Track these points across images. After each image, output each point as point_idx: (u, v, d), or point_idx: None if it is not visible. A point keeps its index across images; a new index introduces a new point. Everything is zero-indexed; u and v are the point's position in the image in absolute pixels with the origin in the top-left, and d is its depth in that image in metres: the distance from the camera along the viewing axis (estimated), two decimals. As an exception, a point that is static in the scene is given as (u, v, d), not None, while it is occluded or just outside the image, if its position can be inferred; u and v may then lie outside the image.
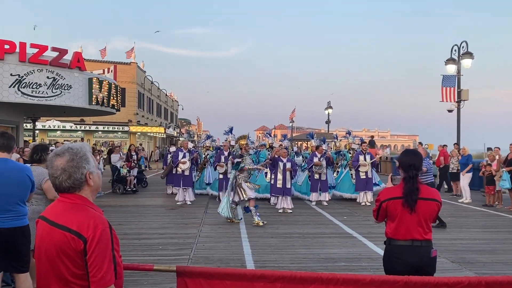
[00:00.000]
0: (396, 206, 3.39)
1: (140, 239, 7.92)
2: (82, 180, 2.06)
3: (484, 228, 9.56)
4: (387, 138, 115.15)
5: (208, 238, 8.07)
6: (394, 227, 3.42)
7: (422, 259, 3.36)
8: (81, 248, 1.92)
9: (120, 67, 32.46)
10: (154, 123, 44.37)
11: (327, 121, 38.39)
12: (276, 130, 79.10)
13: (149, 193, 15.58)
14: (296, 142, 37.92)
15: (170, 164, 14.07)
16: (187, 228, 9.05)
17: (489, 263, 6.61)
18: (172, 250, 7.20)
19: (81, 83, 16.16)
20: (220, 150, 13.70)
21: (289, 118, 51.47)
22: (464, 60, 18.44)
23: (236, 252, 7.04)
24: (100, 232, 1.94)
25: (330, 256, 6.86)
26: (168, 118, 55.79)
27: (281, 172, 11.61)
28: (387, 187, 3.68)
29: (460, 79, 18.93)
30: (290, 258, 6.75)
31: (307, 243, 7.74)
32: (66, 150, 2.08)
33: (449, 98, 18.84)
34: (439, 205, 3.46)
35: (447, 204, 13.17)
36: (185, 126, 70.42)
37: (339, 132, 42.31)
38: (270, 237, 8.24)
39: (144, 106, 41.59)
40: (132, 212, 11.20)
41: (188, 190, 12.79)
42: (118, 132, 36.75)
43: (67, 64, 15.66)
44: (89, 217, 1.98)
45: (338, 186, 14.09)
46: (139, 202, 13.01)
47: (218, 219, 10.14)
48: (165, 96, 53.18)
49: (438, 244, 7.25)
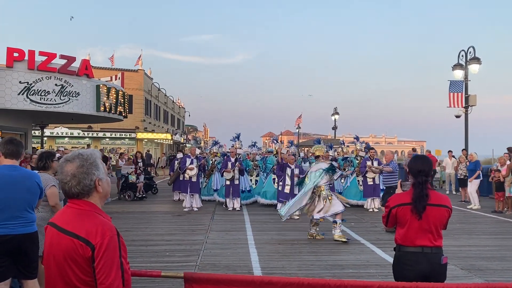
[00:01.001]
0: (405, 212, 3.36)
1: (147, 246, 7.92)
2: (92, 186, 2.07)
3: (494, 235, 9.45)
4: (394, 144, 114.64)
5: (215, 244, 8.05)
6: (403, 234, 3.39)
7: (432, 266, 3.32)
8: (89, 255, 1.92)
9: (127, 74, 32.66)
10: (161, 130, 44.52)
11: (334, 127, 38.32)
12: (283, 136, 79.07)
13: (156, 199, 15.61)
14: (303, 148, 37.87)
15: (177, 171, 14.09)
16: (194, 234, 9.04)
17: (499, 270, 6.53)
18: (179, 256, 7.18)
19: (89, 90, 16.28)
20: (227, 156, 13.71)
21: (295, 124, 51.47)
22: (472, 66, 18.36)
23: (243, 259, 7.01)
24: (108, 239, 1.94)
25: (337, 263, 6.81)
26: (175, 124, 55.98)
27: (289, 178, 11.59)
28: (397, 193, 3.66)
29: (468, 85, 18.84)
30: (298, 265, 6.70)
31: (314, 250, 7.69)
32: (77, 156, 2.10)
33: (456, 103, 18.74)
34: (449, 211, 3.42)
35: (456, 210, 13.04)
36: (192, 133, 70.69)
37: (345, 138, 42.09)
38: (278, 243, 8.20)
39: (151, 113, 41.79)
40: (139, 218, 11.21)
41: (195, 196, 12.79)
42: (125, 138, 36.91)
43: (75, 71, 15.80)
44: (97, 224, 1.98)
45: (344, 193, 14.02)
46: (146, 209, 13.03)
47: (225, 225, 10.13)
48: (172, 103, 53.41)
49: (447, 250, 7.16)
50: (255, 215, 11.79)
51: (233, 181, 12.79)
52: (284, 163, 12.04)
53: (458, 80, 18.94)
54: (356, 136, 15.72)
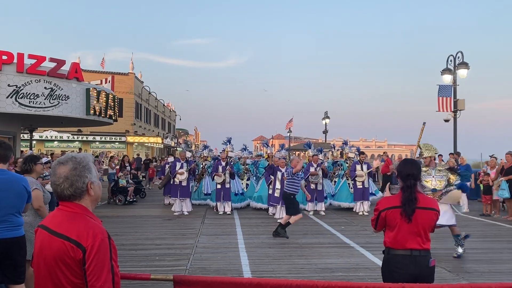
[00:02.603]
0: (395, 216, 3.39)
1: (136, 250, 7.88)
2: (84, 189, 2.09)
3: (482, 238, 9.55)
4: (385, 148, 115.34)
5: (206, 248, 8.03)
6: (393, 237, 3.42)
7: (421, 268, 3.36)
8: (80, 257, 1.93)
9: (117, 77, 32.55)
10: (151, 134, 44.35)
11: (325, 131, 38.45)
12: (274, 140, 79.17)
13: (146, 203, 15.52)
14: (294, 152, 37.96)
15: (168, 175, 14.04)
16: (184, 238, 9.01)
17: (486, 272, 6.60)
18: (169, 260, 7.15)
19: (79, 93, 16.18)
20: (217, 160, 13.71)
21: (286, 127, 51.56)
22: (460, 70, 18.57)
23: (233, 262, 7.01)
24: (99, 242, 1.95)
25: (327, 266, 6.84)
26: (166, 128, 55.80)
27: (279, 182, 11.62)
28: (386, 196, 3.69)
29: (456, 89, 19.05)
30: (288, 268, 6.72)
31: (304, 253, 7.71)
32: (70, 159, 2.12)
33: (445, 108, 18.92)
34: (437, 214, 3.47)
35: (444, 213, 13.16)
36: (182, 136, 70.50)
37: (336, 142, 42.34)
38: (268, 247, 8.21)
39: (142, 116, 41.62)
40: (128, 222, 11.15)
41: (186, 200, 12.75)
42: (115, 142, 36.70)
43: (65, 74, 15.69)
44: (88, 227, 1.99)
45: (336, 196, 14.08)
46: (136, 213, 12.95)
47: (216, 229, 10.12)
48: (162, 107, 53.25)
49: (435, 253, 7.23)
50: (246, 218, 11.79)
51: (224, 184, 12.78)
52: (275, 167, 12.07)
53: (447, 84, 19.15)
54: (345, 140, 15.81)
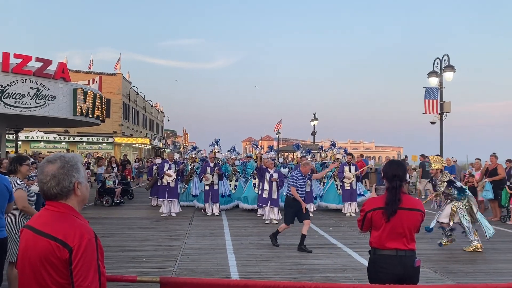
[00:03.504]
0: (380, 216, 3.43)
1: (123, 252, 7.82)
2: (70, 188, 2.07)
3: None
4: (372, 150, 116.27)
5: (193, 250, 8.01)
6: (378, 237, 3.46)
7: (406, 268, 3.39)
8: (66, 257, 1.92)
9: (105, 78, 32.29)
10: (139, 134, 44.09)
11: (313, 132, 38.61)
12: (263, 141, 79.22)
13: (133, 205, 15.41)
14: (282, 153, 38.05)
15: (155, 176, 13.97)
16: (171, 240, 8.97)
17: (471, 272, 6.70)
18: (156, 262, 7.12)
19: (66, 93, 16.03)
20: (205, 161, 13.67)
21: (274, 129, 51.64)
22: (446, 73, 18.79)
23: (221, 264, 7.00)
24: (86, 242, 1.94)
25: (314, 267, 6.87)
26: (154, 129, 55.50)
27: (267, 182, 11.64)
28: (372, 197, 3.73)
29: (443, 92, 19.28)
30: (275, 269, 6.73)
31: (292, 254, 7.74)
32: (59, 157, 2.11)
33: (431, 110, 19.12)
34: (422, 215, 3.51)
35: (430, 214, 13.31)
36: (171, 137, 70.20)
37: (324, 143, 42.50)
38: (256, 248, 8.22)
39: (129, 117, 41.35)
40: (115, 224, 11.07)
41: (173, 201, 12.69)
42: (102, 143, 36.40)
43: (51, 74, 15.55)
44: (75, 227, 1.98)
45: (323, 197, 14.15)
46: (123, 214, 12.86)
47: (204, 230, 10.09)
48: (150, 107, 52.97)
49: (421, 254, 7.32)
50: (234, 220, 11.79)
51: (212, 186, 12.75)
52: (263, 168, 12.08)
53: (433, 87, 19.37)
54: (333, 142, 15.90)
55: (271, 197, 11.55)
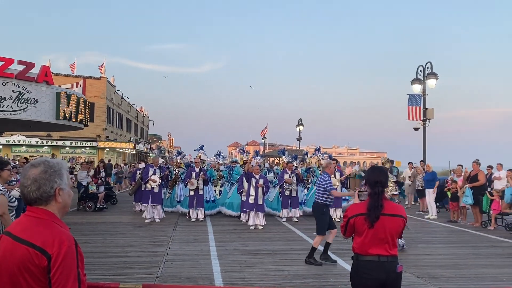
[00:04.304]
0: (362, 222, 3.45)
1: (106, 258, 7.71)
2: (51, 194, 2.04)
3: (449, 244, 9.80)
4: (357, 155, 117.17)
5: (177, 256, 7.94)
6: (361, 243, 3.48)
7: (388, 274, 3.42)
8: (44, 265, 1.88)
9: (89, 81, 31.95)
10: (123, 139, 43.67)
11: (299, 138, 38.75)
12: (249, 146, 79.20)
13: (116, 210, 15.23)
14: (268, 159, 38.09)
15: (139, 181, 13.84)
16: (155, 246, 8.88)
17: (453, 277, 6.77)
18: (139, 268, 7.03)
19: (48, 97, 15.82)
20: (191, 166, 13.60)
21: (261, 134, 51.72)
22: (429, 80, 19.10)
23: (205, 270, 6.95)
24: (66, 249, 1.90)
25: (299, 272, 6.87)
26: (138, 133, 55.06)
27: (253, 188, 11.62)
28: (354, 203, 3.75)
29: (426, 99, 19.58)
30: (259, 275, 6.71)
31: (276, 260, 7.73)
32: (43, 162, 2.08)
33: (415, 116, 19.40)
34: (404, 221, 3.54)
35: (413, 220, 13.46)
36: (156, 142, 69.62)
37: (310, 148, 42.66)
38: (240, 254, 8.19)
39: (114, 121, 40.95)
40: (98, 229, 10.92)
41: (157, 207, 12.57)
42: (86, 147, 35.93)
43: (34, 78, 15.33)
44: (54, 234, 1.94)
45: (308, 203, 14.17)
46: (106, 220, 12.70)
47: (188, 236, 10.02)
48: (135, 112, 52.56)
49: (404, 259, 7.40)
50: (219, 225, 11.74)
51: (197, 191, 12.68)
52: (249, 173, 12.06)
53: (416, 94, 19.66)
54: (318, 147, 15.99)
55: (257, 202, 11.54)
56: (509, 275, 6.97)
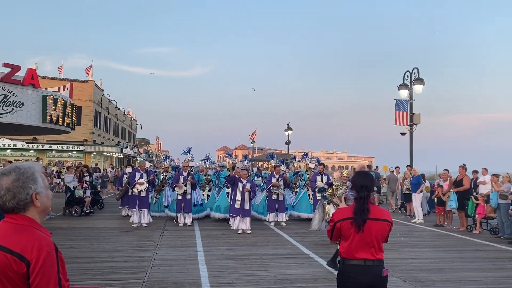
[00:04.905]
0: (349, 226, 3.47)
1: (92, 263, 7.63)
2: (28, 200, 2.00)
3: (435, 248, 9.90)
4: (345, 160, 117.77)
5: (164, 261, 7.88)
6: (347, 247, 3.49)
7: (374, 278, 3.44)
8: (23, 271, 1.85)
9: (76, 84, 31.69)
10: (111, 143, 43.31)
11: (287, 142, 38.83)
12: (237, 150, 79.15)
13: (103, 215, 15.08)
14: (257, 163, 38.11)
15: (126, 185, 13.73)
16: (142, 251, 8.81)
17: (438, 281, 6.84)
18: (125, 273, 6.97)
19: (35, 100, 15.62)
20: (179, 170, 13.52)
21: (249, 138, 51.70)
22: (416, 86, 19.31)
23: (192, 275, 6.92)
24: (45, 255, 1.87)
25: (286, 277, 6.87)
26: (126, 137, 54.64)
27: (240, 193, 11.59)
28: (341, 208, 3.78)
29: (412, 104, 19.78)
30: (247, 280, 6.70)
31: (264, 264, 7.72)
32: (13, 169, 2.02)
33: (402, 121, 19.57)
34: (390, 225, 3.56)
35: (400, 224, 13.57)
36: (143, 146, 69.21)
37: (298, 153, 42.77)
38: (228, 259, 8.17)
39: (101, 125, 40.61)
40: (84, 234, 10.80)
41: (144, 211, 12.48)
42: (73, 151, 35.58)
43: (20, 80, 15.13)
44: (33, 239, 1.91)
45: (296, 206, 14.21)
46: (93, 224, 12.56)
47: (175, 241, 9.97)
48: (123, 115, 52.18)
49: (391, 263, 7.44)
50: (207, 230, 11.69)
51: (185, 195, 12.61)
52: (236, 178, 12.03)
53: (403, 99, 19.85)
54: (305, 152, 16.05)
55: (243, 207, 11.51)
56: (494, 279, 7.06)
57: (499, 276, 7.23)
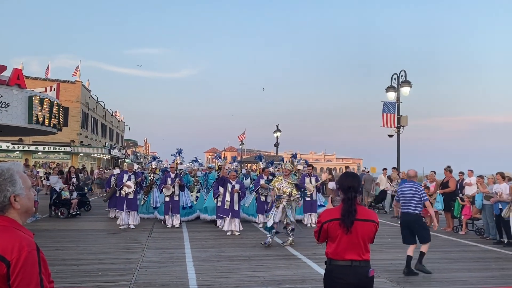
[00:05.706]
0: (336, 227, 3.48)
1: (78, 265, 7.54)
2: (6, 203, 1.96)
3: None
4: (333, 161, 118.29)
5: (152, 263, 7.83)
6: (334, 248, 3.51)
7: (360, 278, 3.46)
8: (3, 272, 1.82)
9: (63, 85, 31.35)
10: (98, 144, 42.93)
11: (276, 143, 38.91)
12: (227, 152, 79.00)
13: (90, 216, 14.93)
14: (246, 164, 38.11)
15: (113, 187, 13.62)
16: (129, 253, 8.74)
17: (425, 281, 6.91)
18: (112, 276, 6.91)
19: (21, 101, 15.42)
20: (167, 172, 13.46)
21: (238, 140, 51.66)
22: (403, 88, 19.47)
23: (180, 277, 6.89)
24: (26, 255, 1.85)
25: (274, 278, 6.87)
26: (114, 139, 54.22)
27: (229, 194, 11.57)
28: (328, 209, 3.79)
29: (400, 106, 19.94)
30: (235, 281, 6.69)
31: (252, 266, 7.72)
32: None
33: (389, 123, 19.71)
34: (376, 226, 3.59)
35: (388, 225, 13.66)
36: (131, 148, 68.74)
37: (287, 154, 42.84)
38: (216, 260, 8.14)
39: (88, 126, 40.24)
40: (71, 236, 10.68)
41: (132, 213, 12.39)
42: (59, 153, 35.17)
43: (5, 81, 14.94)
44: (14, 239, 1.88)
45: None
46: (80, 226, 12.43)
47: (163, 243, 9.91)
48: (110, 116, 51.78)
49: (378, 264, 7.50)
50: (195, 232, 11.64)
51: (173, 197, 12.56)
52: (225, 179, 12.01)
53: (391, 101, 20.00)
54: (294, 153, 16.10)
55: (232, 208, 11.50)
56: (479, 279, 7.15)
57: (484, 276, 7.33)
